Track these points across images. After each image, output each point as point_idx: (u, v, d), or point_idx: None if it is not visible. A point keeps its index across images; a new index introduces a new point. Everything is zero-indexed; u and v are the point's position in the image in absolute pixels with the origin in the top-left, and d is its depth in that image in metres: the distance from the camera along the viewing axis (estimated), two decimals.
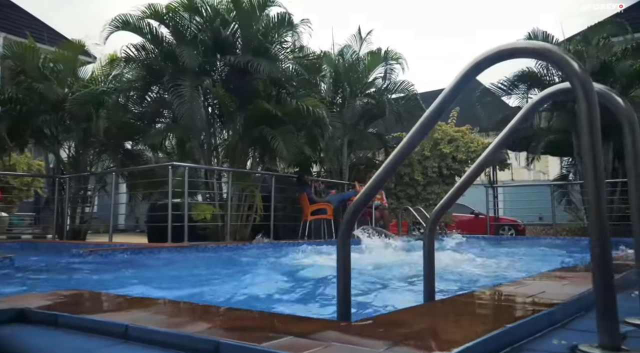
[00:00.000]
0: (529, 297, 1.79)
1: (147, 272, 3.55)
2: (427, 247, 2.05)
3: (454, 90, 1.47)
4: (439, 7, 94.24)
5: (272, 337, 1.11)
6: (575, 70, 1.27)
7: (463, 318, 1.45)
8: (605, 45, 10.49)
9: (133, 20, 7.77)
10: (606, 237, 1.21)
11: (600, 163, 1.23)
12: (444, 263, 4.06)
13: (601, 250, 1.20)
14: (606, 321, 1.18)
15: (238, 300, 2.38)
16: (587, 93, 1.25)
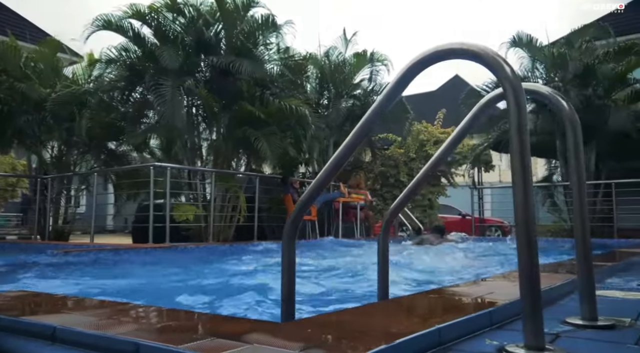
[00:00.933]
0: (475, 298, 1.80)
1: (113, 273, 3.54)
2: (382, 248, 2.06)
3: (393, 91, 1.48)
4: (434, 9, 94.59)
5: (195, 338, 1.10)
6: (507, 74, 1.28)
7: (401, 318, 1.45)
8: (588, 48, 10.59)
9: (115, 20, 7.72)
10: (533, 240, 1.22)
11: (528, 165, 1.24)
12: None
13: (527, 252, 1.21)
14: (531, 322, 1.19)
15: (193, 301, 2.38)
16: (517, 97, 1.26)
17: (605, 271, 2.98)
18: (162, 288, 2.79)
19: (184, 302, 2.35)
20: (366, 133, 1.55)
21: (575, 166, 1.63)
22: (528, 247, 1.21)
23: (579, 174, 1.63)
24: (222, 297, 2.50)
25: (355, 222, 10.77)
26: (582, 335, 1.43)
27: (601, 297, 2.18)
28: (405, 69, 1.43)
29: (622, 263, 3.59)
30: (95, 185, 8.41)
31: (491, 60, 1.30)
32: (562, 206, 11.42)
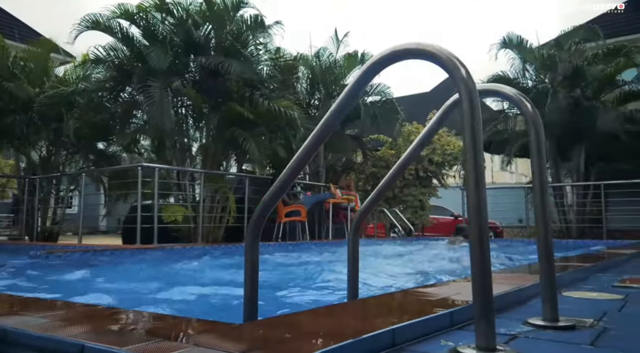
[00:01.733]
0: (442, 298, 1.80)
1: (89, 273, 3.52)
2: (352, 248, 2.06)
3: (352, 90, 1.48)
4: (429, 9, 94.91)
5: (141, 340, 1.10)
6: (462, 75, 1.28)
7: (361, 318, 1.45)
8: (578, 50, 10.65)
9: (103, 20, 7.69)
10: (485, 241, 1.22)
11: (480, 165, 1.24)
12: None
13: (479, 253, 1.21)
14: (482, 322, 1.19)
15: (165, 302, 2.37)
16: (471, 98, 1.26)
17: (581, 271, 2.99)
18: (132, 290, 2.78)
19: (155, 303, 2.34)
20: (327, 133, 1.55)
21: (537, 167, 1.64)
22: (480, 248, 1.21)
23: (541, 174, 1.64)
24: (200, 298, 2.49)
25: (346, 223, 10.76)
26: (539, 336, 1.43)
27: (572, 297, 2.20)
28: (364, 70, 1.44)
29: (601, 264, 3.60)
30: (83, 186, 8.37)
31: (447, 61, 1.30)
32: (551, 207, 11.47)
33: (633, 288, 2.54)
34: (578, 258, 4.19)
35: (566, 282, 2.64)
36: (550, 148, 11.00)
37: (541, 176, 1.64)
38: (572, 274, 2.81)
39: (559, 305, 2.00)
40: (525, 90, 11.21)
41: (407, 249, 7.79)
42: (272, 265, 4.60)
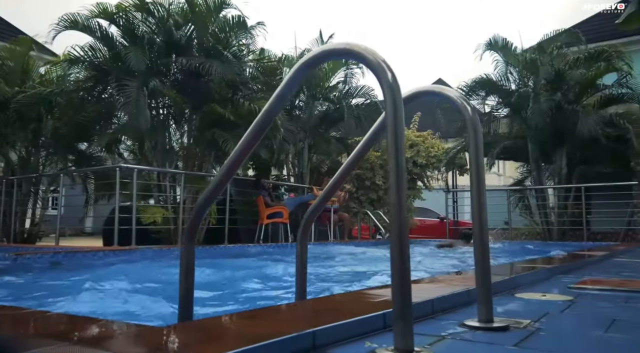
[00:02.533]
0: (383, 300, 1.80)
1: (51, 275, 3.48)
2: (300, 250, 2.05)
3: (283, 92, 1.48)
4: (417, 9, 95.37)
5: (44, 343, 1.08)
6: (387, 77, 1.28)
7: (287, 321, 1.44)
8: (559, 54, 10.74)
9: (81, 19, 7.63)
10: (405, 243, 1.22)
11: (402, 166, 1.24)
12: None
13: (399, 256, 1.21)
14: (399, 324, 1.19)
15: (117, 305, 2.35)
16: (395, 100, 1.26)
17: (542, 272, 3.01)
18: (77, 291, 2.75)
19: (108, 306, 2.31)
20: (260, 135, 1.54)
21: (475, 169, 1.64)
22: (400, 251, 1.21)
23: (479, 176, 1.64)
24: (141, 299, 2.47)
25: (329, 225, 10.75)
26: (467, 337, 1.43)
27: (522, 299, 2.21)
28: (294, 71, 1.43)
29: (566, 265, 3.62)
30: (62, 187, 8.28)
31: (373, 62, 1.30)
32: (534, 209, 11.55)
33: (587, 289, 2.56)
34: (544, 260, 4.22)
35: (524, 283, 2.65)
36: (532, 151, 11.09)
37: (479, 179, 1.64)
38: (532, 275, 2.82)
39: (508, 306, 2.02)
40: (509, 93, 11.30)
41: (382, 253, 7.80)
42: (237, 266, 4.59)
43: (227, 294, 3.02)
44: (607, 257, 4.93)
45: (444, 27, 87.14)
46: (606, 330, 1.56)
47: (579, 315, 1.87)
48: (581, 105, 10.41)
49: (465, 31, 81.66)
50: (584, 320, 1.76)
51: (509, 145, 11.59)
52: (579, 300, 2.17)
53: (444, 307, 1.84)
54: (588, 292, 2.48)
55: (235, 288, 3.15)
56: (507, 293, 2.33)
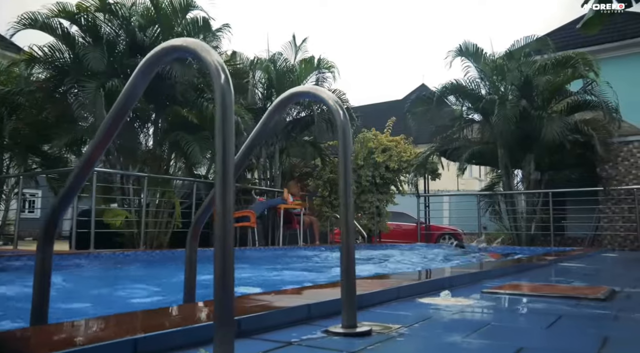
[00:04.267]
0: (250, 306, 1.76)
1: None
2: (189, 253, 2.01)
3: (130, 89, 1.44)
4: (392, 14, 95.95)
5: None
6: (220, 81, 1.24)
7: (121, 326, 1.40)
8: (527, 61, 10.84)
9: (41, 18, 7.52)
10: (229, 249, 1.18)
11: (230, 168, 1.21)
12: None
13: (222, 259, 1.17)
14: (220, 333, 1.15)
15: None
16: (224, 99, 1.22)
17: (466, 277, 2.99)
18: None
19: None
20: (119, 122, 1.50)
21: (342, 171, 1.62)
22: (223, 256, 1.18)
23: (346, 181, 1.62)
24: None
25: (300, 229, 10.71)
26: (314, 343, 1.40)
27: (418, 303, 2.18)
28: (145, 62, 1.41)
29: (499, 270, 3.63)
30: (20, 189, 8.15)
31: (208, 61, 1.27)
32: (503, 214, 11.62)
33: (499, 294, 2.55)
34: (479, 265, 4.22)
35: (438, 287, 2.63)
36: (502, 156, 11.17)
37: (346, 183, 1.62)
38: (450, 280, 2.80)
39: (396, 311, 1.99)
40: (478, 98, 11.37)
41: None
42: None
43: (113, 298, 2.99)
44: (553, 262, 4.95)
45: (431, 33, 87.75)
46: (469, 335, 1.54)
47: (459, 320, 1.85)
48: (547, 111, 10.51)
49: (453, 37, 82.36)
50: (457, 325, 1.75)
51: (480, 150, 11.66)
52: (476, 305, 2.16)
53: (327, 312, 1.81)
54: (497, 296, 2.47)
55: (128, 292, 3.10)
56: (411, 298, 2.31)
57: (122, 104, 1.45)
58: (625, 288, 2.93)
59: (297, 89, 1.79)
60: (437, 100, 11.35)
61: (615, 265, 5.29)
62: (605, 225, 10.77)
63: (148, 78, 1.44)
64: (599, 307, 2.17)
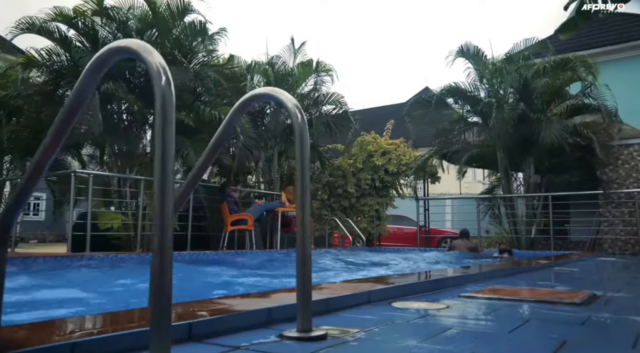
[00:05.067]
0: (219, 309, 1.75)
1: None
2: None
3: (79, 89, 1.44)
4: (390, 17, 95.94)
5: None
6: (161, 83, 1.24)
7: (60, 331, 1.40)
8: (526, 64, 10.78)
9: (39, 22, 7.57)
10: (167, 252, 1.17)
11: (169, 170, 1.20)
12: None
13: (160, 262, 1.16)
14: (155, 338, 1.13)
15: None
16: (166, 104, 1.21)
17: (443, 281, 2.97)
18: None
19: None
20: (65, 129, 1.50)
21: (300, 172, 1.61)
22: (161, 258, 1.17)
23: (303, 184, 1.60)
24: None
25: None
26: (262, 348, 1.39)
27: (391, 307, 2.17)
28: (91, 64, 1.40)
29: (486, 273, 3.59)
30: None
31: (147, 59, 1.27)
32: (503, 218, 11.55)
33: (476, 298, 2.52)
34: (464, 269, 4.18)
35: (413, 291, 2.61)
36: (501, 159, 11.10)
37: (304, 185, 1.60)
38: (429, 284, 2.78)
39: (367, 315, 1.98)
40: (478, 101, 11.32)
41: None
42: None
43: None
44: (546, 266, 4.91)
45: (434, 36, 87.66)
46: (425, 340, 1.52)
47: (422, 324, 1.83)
48: (546, 114, 10.44)
49: (456, 39, 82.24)
50: (418, 330, 1.73)
51: (479, 153, 11.61)
52: (448, 309, 2.13)
53: (290, 316, 1.79)
54: (472, 300, 2.44)
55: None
56: (386, 302, 2.29)
57: (71, 105, 1.45)
58: (608, 292, 2.89)
59: (256, 91, 1.78)
60: (435, 103, 11.31)
61: (609, 270, 5.24)
62: (605, 228, 10.68)
63: (97, 78, 1.45)
64: (572, 311, 2.14)
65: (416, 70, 69.04)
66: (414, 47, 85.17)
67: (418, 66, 69.61)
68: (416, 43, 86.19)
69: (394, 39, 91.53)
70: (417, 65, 72.08)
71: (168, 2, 8.18)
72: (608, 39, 14.43)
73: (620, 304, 2.48)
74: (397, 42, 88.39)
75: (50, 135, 1.47)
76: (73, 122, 1.49)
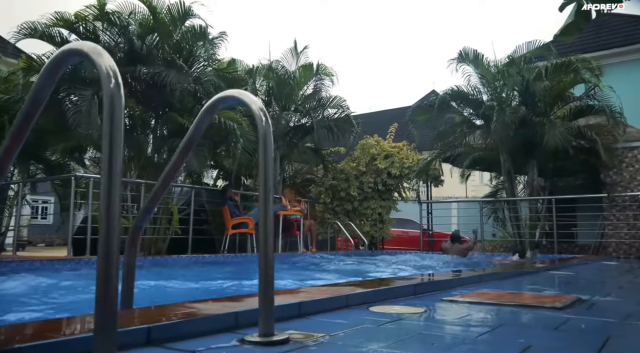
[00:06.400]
0: (185, 313, 1.74)
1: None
2: (127, 258, 2.00)
3: (35, 90, 1.45)
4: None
5: None
6: (110, 85, 1.24)
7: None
8: (529, 67, 10.70)
9: (41, 28, 7.65)
10: (113, 253, 1.17)
11: (115, 172, 1.20)
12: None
13: (104, 265, 1.16)
14: (100, 342, 1.13)
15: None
16: (114, 106, 1.21)
17: (429, 284, 2.94)
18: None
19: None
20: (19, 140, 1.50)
21: (262, 176, 1.60)
22: (106, 263, 1.16)
23: (266, 188, 1.60)
24: None
25: (299, 236, 10.68)
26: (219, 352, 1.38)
27: (369, 312, 2.15)
28: (44, 71, 1.41)
29: (474, 277, 3.56)
30: (20, 196, 8.27)
31: (94, 59, 1.27)
32: (506, 221, 11.46)
33: (457, 302, 2.49)
34: (456, 272, 4.15)
35: (397, 294, 2.59)
36: (504, 162, 11.02)
37: (265, 187, 1.60)
38: (411, 288, 2.75)
39: (339, 319, 1.96)
40: (480, 104, 11.26)
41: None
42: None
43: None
44: (542, 269, 4.85)
45: (442, 38, 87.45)
46: (388, 345, 1.50)
47: (392, 328, 1.81)
48: (549, 117, 10.35)
49: (464, 41, 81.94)
50: (385, 334, 1.71)
51: (482, 156, 11.53)
52: (424, 314, 2.11)
53: (256, 320, 1.78)
54: (453, 304, 2.42)
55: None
56: (364, 306, 2.27)
57: (29, 108, 1.46)
58: (596, 296, 2.85)
59: (223, 94, 1.78)
60: (438, 107, 11.26)
61: (607, 274, 5.17)
62: (610, 232, 10.55)
63: (53, 80, 1.45)
64: (550, 315, 2.11)
65: (424, 73, 68.87)
66: (423, 49, 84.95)
67: (426, 69, 69.47)
68: (425, 45, 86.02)
69: (403, 42, 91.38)
70: (425, 68, 71.92)
71: (169, 6, 8.25)
72: (613, 42, 14.30)
73: (604, 308, 2.44)
74: (406, 45, 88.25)
75: (8, 140, 1.47)
76: (32, 124, 1.50)
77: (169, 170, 1.92)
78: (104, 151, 1.20)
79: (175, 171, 1.95)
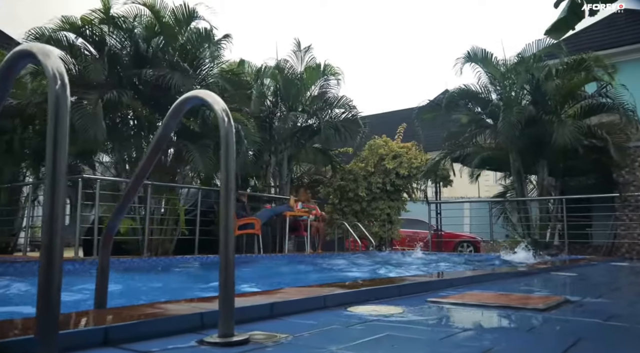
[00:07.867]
0: (148, 313, 1.75)
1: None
2: (101, 259, 2.02)
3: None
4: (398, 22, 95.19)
5: None
6: (55, 87, 1.25)
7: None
8: (539, 65, 10.55)
9: (48, 32, 7.77)
10: (57, 256, 1.17)
11: (61, 163, 1.19)
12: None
13: (47, 268, 1.16)
14: (43, 345, 1.13)
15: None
16: (59, 108, 1.22)
17: (415, 285, 2.90)
18: None
19: None
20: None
21: (224, 179, 1.60)
22: (48, 264, 1.16)
23: (227, 189, 1.59)
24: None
25: (306, 236, 10.67)
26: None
27: (346, 313, 2.13)
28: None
29: (466, 278, 3.51)
30: (30, 197, 8.40)
31: (41, 60, 1.28)
32: (515, 221, 11.30)
33: (441, 303, 2.46)
34: (453, 272, 4.09)
35: (380, 295, 2.56)
36: (513, 162, 10.89)
37: (227, 188, 1.59)
38: (395, 289, 2.71)
39: (310, 320, 1.95)
40: (488, 103, 11.14)
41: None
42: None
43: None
44: (543, 270, 4.78)
45: (455, 38, 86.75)
46: (350, 346, 1.49)
47: (361, 329, 1.80)
48: (559, 115, 10.19)
49: (475, 39, 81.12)
50: (350, 335, 1.69)
51: (491, 155, 11.41)
52: (399, 315, 2.09)
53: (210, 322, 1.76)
54: (434, 306, 2.39)
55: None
56: (342, 307, 2.25)
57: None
58: (586, 298, 2.79)
59: (188, 94, 1.78)
60: (445, 106, 11.17)
61: (610, 275, 5.06)
62: (622, 232, 10.34)
63: (8, 84, 1.46)
64: (530, 317, 2.07)
65: (437, 73, 68.44)
66: (436, 49, 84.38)
67: (439, 68, 69.01)
68: (438, 45, 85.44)
69: (417, 42, 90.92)
70: (439, 68, 71.46)
71: (173, 9, 8.32)
72: (625, 39, 14.02)
73: (590, 310, 2.39)
74: (421, 45, 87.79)
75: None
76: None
77: (140, 170, 1.93)
78: (47, 152, 1.21)
79: (146, 171, 1.96)
